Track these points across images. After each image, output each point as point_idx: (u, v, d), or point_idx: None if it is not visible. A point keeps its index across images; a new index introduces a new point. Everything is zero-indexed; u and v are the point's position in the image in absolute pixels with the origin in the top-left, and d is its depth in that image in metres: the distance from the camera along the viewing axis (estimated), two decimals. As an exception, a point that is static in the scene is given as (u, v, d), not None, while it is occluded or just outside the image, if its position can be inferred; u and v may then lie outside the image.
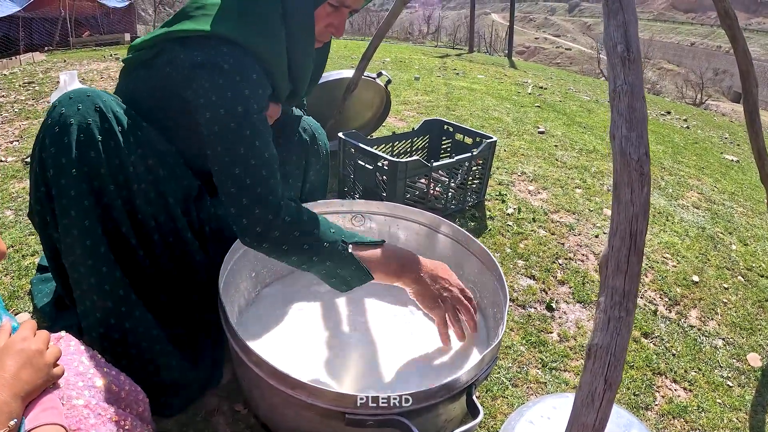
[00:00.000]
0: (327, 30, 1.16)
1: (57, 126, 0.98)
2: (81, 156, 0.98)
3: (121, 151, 1.02)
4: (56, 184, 0.98)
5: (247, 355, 0.96)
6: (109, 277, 1.02)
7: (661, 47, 50.22)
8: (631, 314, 0.61)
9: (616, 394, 1.35)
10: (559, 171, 2.79)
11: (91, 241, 0.99)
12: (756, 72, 1.70)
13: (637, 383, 1.41)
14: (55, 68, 4.72)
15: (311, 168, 1.46)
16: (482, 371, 0.98)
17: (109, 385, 0.75)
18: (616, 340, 0.59)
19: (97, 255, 1.00)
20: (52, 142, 0.97)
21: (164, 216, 1.14)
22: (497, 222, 2.11)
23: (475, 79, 5.46)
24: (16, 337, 0.67)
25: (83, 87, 1.03)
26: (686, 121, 5.46)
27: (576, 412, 0.60)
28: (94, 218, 1.00)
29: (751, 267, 2.16)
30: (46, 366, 0.66)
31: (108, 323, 1.04)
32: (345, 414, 0.86)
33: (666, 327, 1.67)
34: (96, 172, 0.99)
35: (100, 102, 1.02)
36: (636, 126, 0.67)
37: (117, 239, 1.06)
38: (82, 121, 0.98)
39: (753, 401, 1.44)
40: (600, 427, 0.58)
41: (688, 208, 2.64)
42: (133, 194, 1.06)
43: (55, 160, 0.97)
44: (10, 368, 0.63)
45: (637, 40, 0.76)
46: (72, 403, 0.67)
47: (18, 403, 0.61)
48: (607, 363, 0.59)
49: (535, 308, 1.66)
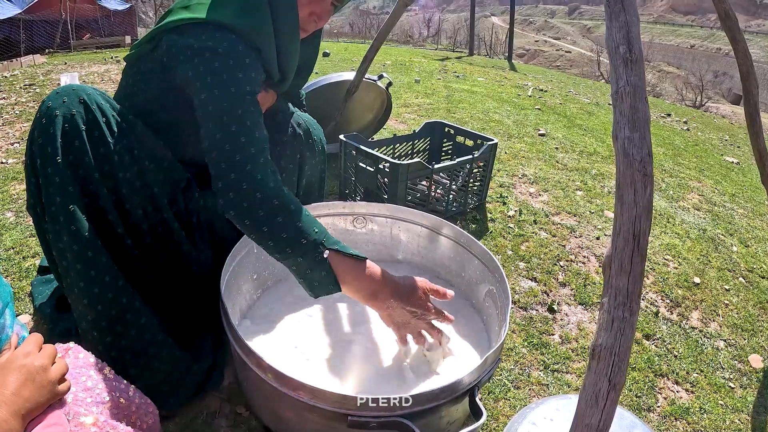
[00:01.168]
0: (310, 18, 1.19)
1: (44, 118, 1.01)
2: (66, 145, 1.01)
3: (105, 141, 1.05)
4: (43, 173, 1.00)
5: (249, 357, 0.96)
6: (96, 263, 1.03)
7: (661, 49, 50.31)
8: (634, 314, 0.60)
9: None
10: (560, 173, 2.79)
11: (76, 227, 1.00)
12: (756, 73, 1.70)
13: (639, 385, 1.40)
14: (55, 71, 4.73)
15: (307, 162, 1.46)
16: (485, 373, 0.98)
17: (118, 400, 0.73)
18: (620, 340, 0.59)
19: (83, 240, 1.01)
20: (40, 134, 1.01)
21: (151, 206, 1.15)
22: (498, 224, 2.11)
23: (476, 82, 5.47)
24: (19, 352, 0.65)
25: (72, 83, 1.05)
26: (686, 123, 5.46)
27: (580, 413, 0.60)
28: (80, 205, 1.02)
29: (752, 268, 2.16)
30: (49, 383, 0.64)
31: (96, 309, 1.04)
32: (348, 416, 0.86)
33: (668, 328, 1.67)
34: (81, 160, 1.02)
35: (84, 95, 1.05)
36: (639, 127, 0.67)
37: (104, 227, 1.07)
38: (67, 112, 1.02)
39: (755, 402, 1.44)
40: (604, 427, 0.58)
41: (688, 210, 2.64)
42: (119, 183, 1.08)
43: (42, 150, 1.00)
44: (10, 385, 0.61)
45: (639, 41, 0.76)
46: (79, 420, 0.65)
47: (18, 421, 0.59)
48: (611, 364, 0.58)
49: (537, 310, 1.65)
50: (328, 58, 6.34)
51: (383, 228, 1.52)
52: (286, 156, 1.40)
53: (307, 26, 1.21)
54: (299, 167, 1.45)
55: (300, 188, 1.49)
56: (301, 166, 1.45)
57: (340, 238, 1.48)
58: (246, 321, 1.30)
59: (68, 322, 1.27)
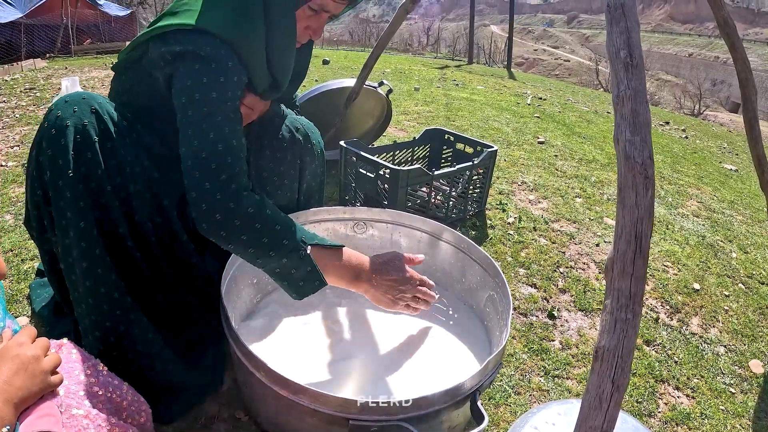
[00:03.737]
0: (306, 32, 1.18)
1: (53, 128, 0.98)
2: (78, 157, 0.98)
3: (117, 152, 1.03)
4: (53, 186, 0.98)
5: (249, 361, 0.96)
6: (105, 280, 1.02)
7: (659, 58, 50.57)
8: (637, 316, 0.61)
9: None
10: (559, 180, 2.80)
11: (86, 243, 0.99)
12: (755, 81, 1.71)
13: (640, 390, 1.40)
14: (56, 75, 4.75)
15: (307, 167, 1.45)
16: (486, 377, 0.98)
17: (111, 396, 0.74)
18: (623, 342, 0.59)
19: (93, 257, 1.00)
20: (49, 145, 0.98)
21: (160, 218, 1.14)
22: (498, 231, 2.11)
23: (475, 90, 5.49)
24: (12, 343, 0.66)
25: (80, 90, 1.03)
26: (685, 131, 5.49)
27: (583, 415, 0.60)
28: (90, 219, 1.00)
29: (751, 274, 2.16)
30: (42, 373, 0.65)
31: (104, 326, 1.03)
32: (348, 420, 0.86)
33: (668, 334, 1.67)
34: (93, 173, 1.00)
35: (95, 104, 1.03)
36: (639, 130, 0.67)
37: (114, 241, 1.06)
38: (78, 122, 0.99)
39: (756, 407, 1.44)
40: (608, 429, 0.58)
41: (687, 217, 2.65)
42: (130, 195, 1.07)
43: (52, 162, 0.98)
44: (3, 374, 0.62)
45: (640, 46, 0.77)
46: (71, 413, 0.66)
47: (10, 409, 0.60)
48: (615, 365, 0.59)
49: (537, 316, 1.65)
50: (328, 66, 6.37)
51: (384, 233, 1.52)
52: (287, 162, 1.39)
53: (302, 39, 1.20)
54: (299, 172, 1.45)
55: (301, 193, 1.49)
56: (301, 171, 1.45)
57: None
58: (245, 324, 1.30)
59: (66, 324, 1.26)
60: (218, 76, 1.02)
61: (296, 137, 1.40)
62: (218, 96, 1.01)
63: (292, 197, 1.43)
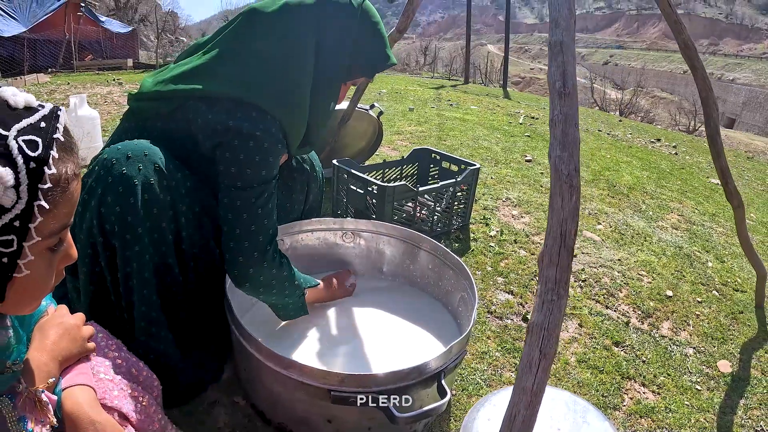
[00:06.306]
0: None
1: (121, 186, 1.06)
2: (146, 214, 1.09)
3: (176, 205, 1.16)
4: (121, 238, 1.08)
5: (248, 342, 1.11)
6: (157, 322, 1.16)
7: (654, 75, 51.09)
8: (562, 298, 0.74)
9: (585, 394, 1.46)
10: (543, 196, 2.92)
11: (147, 291, 1.13)
12: (749, 96, 1.85)
13: (606, 386, 1.51)
14: (59, 90, 4.86)
15: (311, 191, 1.66)
16: (450, 360, 1.11)
17: (130, 368, 0.88)
18: (548, 318, 0.72)
19: (150, 303, 1.14)
20: (116, 201, 1.06)
21: (204, 253, 1.28)
22: (480, 243, 2.24)
23: (468, 110, 5.65)
24: (57, 314, 0.79)
25: (138, 141, 1.12)
26: (675, 147, 5.63)
27: (518, 379, 0.73)
28: (151, 267, 1.12)
29: (726, 282, 2.27)
30: (81, 339, 0.78)
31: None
32: (330, 391, 1.01)
33: (637, 337, 1.77)
34: (158, 226, 1.12)
35: (158, 160, 1.11)
36: (567, 147, 0.81)
37: (167, 280, 1.19)
38: (145, 181, 1.08)
39: (722, 403, 1.52)
40: (537, 390, 0.71)
41: (666, 229, 2.77)
42: (183, 239, 1.20)
43: (120, 219, 1.07)
44: (51, 336, 0.75)
45: (574, 78, 0.91)
46: (99, 377, 0.79)
47: (56, 366, 0.73)
48: (542, 337, 0.72)
49: (512, 320, 1.77)
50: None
51: (369, 242, 1.67)
52: (297, 189, 1.59)
53: None
54: (305, 195, 1.65)
55: (303, 211, 1.69)
56: (306, 194, 1.64)
57: (330, 251, 1.65)
58: (247, 318, 1.44)
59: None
60: (269, 156, 1.15)
61: (304, 167, 1.60)
62: (266, 175, 1.15)
63: (297, 216, 1.64)
